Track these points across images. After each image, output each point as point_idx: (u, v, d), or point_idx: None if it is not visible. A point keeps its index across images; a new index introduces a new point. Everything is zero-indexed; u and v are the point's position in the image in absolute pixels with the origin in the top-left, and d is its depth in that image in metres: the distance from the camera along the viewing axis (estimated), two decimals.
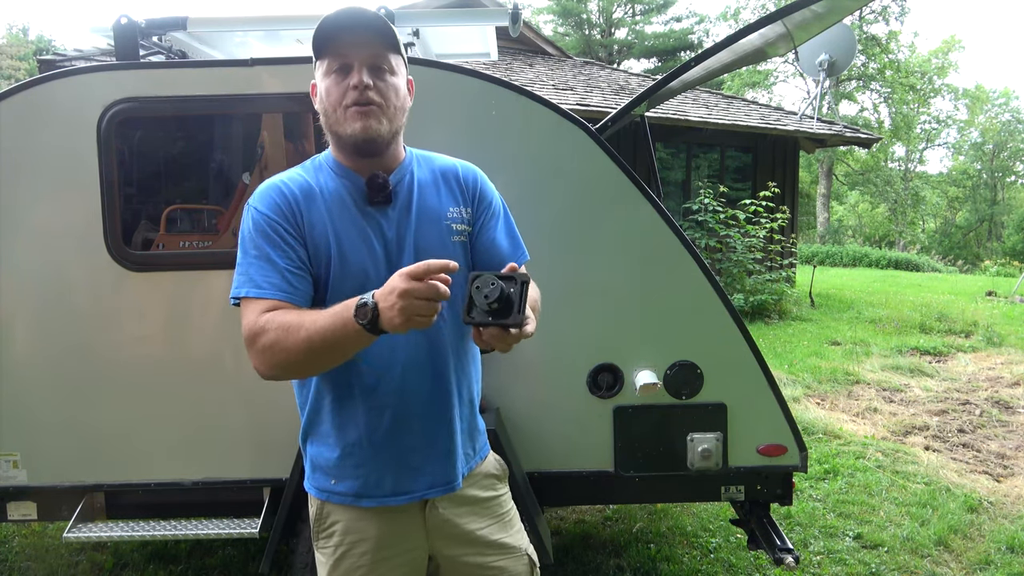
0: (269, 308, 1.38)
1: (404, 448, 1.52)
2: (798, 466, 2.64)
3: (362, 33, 1.46)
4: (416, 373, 1.51)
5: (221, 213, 2.81)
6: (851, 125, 12.95)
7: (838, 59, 11.19)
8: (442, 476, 1.56)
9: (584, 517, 3.86)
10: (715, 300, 2.56)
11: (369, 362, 1.48)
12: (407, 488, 1.54)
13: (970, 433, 5.44)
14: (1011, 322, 10.17)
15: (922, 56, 35.73)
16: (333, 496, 1.56)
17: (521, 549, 1.68)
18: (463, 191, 1.61)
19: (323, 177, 1.53)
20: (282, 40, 3.32)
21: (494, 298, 1.21)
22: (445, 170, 1.62)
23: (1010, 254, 29.90)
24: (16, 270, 2.50)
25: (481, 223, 1.61)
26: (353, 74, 1.45)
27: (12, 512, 2.59)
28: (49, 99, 2.48)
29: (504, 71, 10.88)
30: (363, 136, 1.46)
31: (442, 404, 1.55)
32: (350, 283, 1.46)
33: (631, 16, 30.72)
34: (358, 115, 1.45)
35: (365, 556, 1.56)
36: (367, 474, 1.53)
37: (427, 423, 1.54)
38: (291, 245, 1.44)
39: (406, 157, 1.59)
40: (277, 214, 1.46)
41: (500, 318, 1.23)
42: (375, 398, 1.50)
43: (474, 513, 1.63)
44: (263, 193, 1.50)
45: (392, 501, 1.54)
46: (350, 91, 1.44)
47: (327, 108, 1.49)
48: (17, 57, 28.53)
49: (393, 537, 1.57)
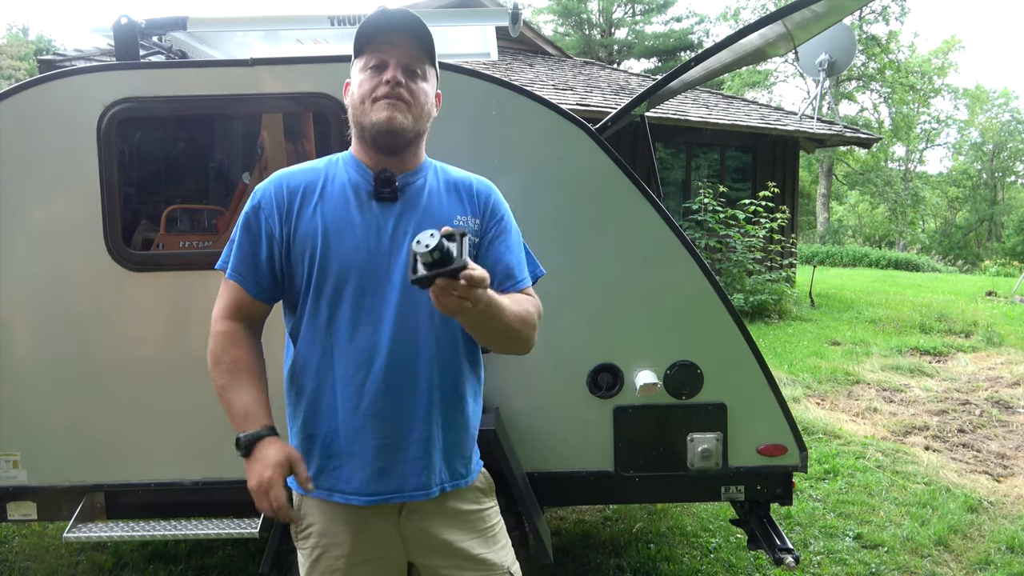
0: (234, 303, 1.56)
1: (372, 447, 1.51)
2: (798, 466, 2.64)
3: (404, 36, 1.51)
4: (396, 378, 1.50)
5: (221, 213, 2.81)
6: (851, 125, 12.95)
7: (838, 59, 11.20)
8: (411, 482, 1.53)
9: (584, 517, 3.86)
10: (715, 300, 2.56)
11: (349, 354, 1.49)
12: (373, 489, 1.52)
13: (970, 433, 5.44)
14: (1011, 322, 10.17)
15: (922, 56, 35.72)
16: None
17: (503, 567, 1.63)
18: (473, 202, 1.61)
19: (335, 170, 1.57)
20: (282, 40, 3.32)
21: (434, 245, 1.18)
22: (459, 182, 1.63)
23: (1010, 254, 29.90)
24: (16, 270, 2.50)
25: (490, 238, 1.60)
26: (388, 70, 1.49)
27: (12, 512, 2.59)
28: (49, 99, 2.48)
29: (504, 71, 10.88)
30: (387, 126, 1.48)
31: (416, 411, 1.52)
32: (333, 273, 1.50)
33: (631, 16, 30.70)
34: (386, 106, 1.48)
35: (340, 560, 1.56)
36: (339, 467, 1.53)
37: (401, 426, 1.52)
38: (270, 238, 1.53)
39: (424, 163, 1.61)
40: (267, 202, 1.54)
41: (442, 267, 1.20)
42: (349, 393, 1.50)
43: (454, 525, 1.60)
44: (267, 182, 1.58)
45: (357, 500, 1.52)
46: (382, 85, 1.49)
47: (356, 99, 1.52)
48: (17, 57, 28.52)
49: (368, 542, 1.56)
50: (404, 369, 1.50)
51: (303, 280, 1.52)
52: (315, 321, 1.51)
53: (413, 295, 1.49)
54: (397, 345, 1.49)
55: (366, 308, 1.49)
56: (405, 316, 1.50)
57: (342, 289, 1.49)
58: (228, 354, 1.53)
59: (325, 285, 1.50)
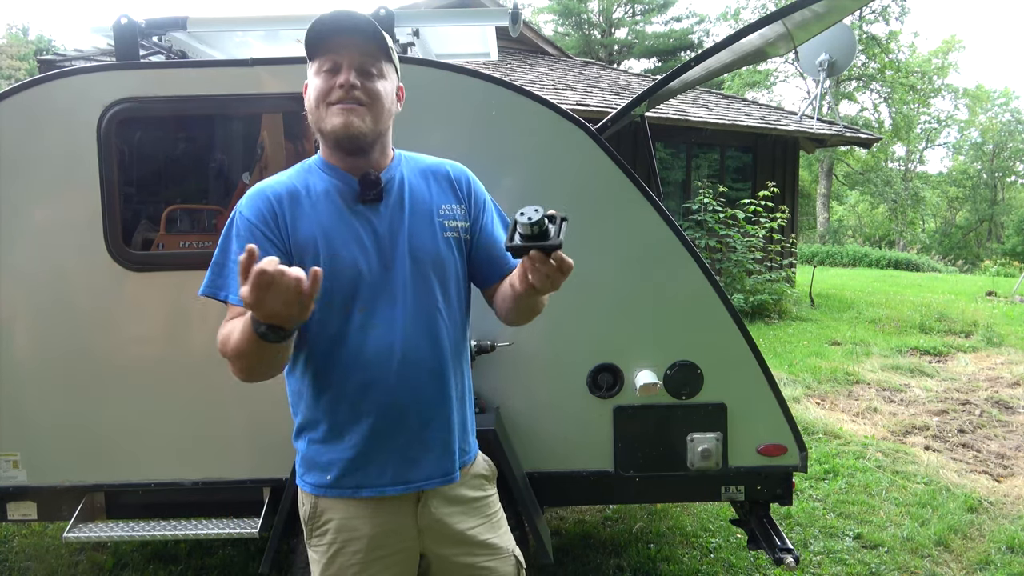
0: (235, 315, 1.41)
1: (403, 441, 1.54)
2: (798, 466, 2.64)
3: (354, 36, 1.48)
4: (414, 368, 1.52)
5: (221, 213, 2.81)
6: (851, 125, 12.95)
7: (838, 59, 11.20)
8: (439, 468, 1.58)
9: (584, 517, 3.86)
10: (715, 300, 2.56)
11: (366, 357, 1.49)
12: (406, 478, 1.55)
13: (970, 433, 5.44)
14: (1011, 322, 10.17)
15: (922, 56, 35.70)
16: (330, 491, 1.56)
17: (508, 550, 1.69)
18: (456, 190, 1.64)
19: (312, 178, 1.56)
20: (282, 40, 3.32)
21: (536, 221, 1.28)
22: (434, 169, 1.65)
23: (1010, 254, 29.88)
24: (16, 270, 2.50)
25: (480, 222, 1.65)
26: (341, 73, 1.47)
27: (12, 512, 2.59)
28: (49, 99, 2.48)
29: (504, 71, 10.88)
30: (344, 132, 1.47)
31: (440, 398, 1.57)
32: (341, 280, 1.48)
33: (631, 16, 30.69)
34: (340, 111, 1.47)
35: (358, 554, 1.56)
36: (367, 466, 1.54)
37: (425, 416, 1.55)
38: (266, 251, 1.44)
39: (395, 157, 1.62)
40: (259, 219, 1.49)
41: (539, 241, 1.30)
42: (373, 393, 1.51)
43: (464, 513, 1.64)
44: (248, 198, 1.53)
45: (391, 491, 1.55)
46: (336, 89, 1.47)
47: (312, 104, 1.51)
48: (17, 57, 28.52)
49: (386, 535, 1.58)
50: (421, 361, 1.53)
51: None
52: (324, 331, 1.50)
53: (418, 288, 1.52)
54: (411, 339, 1.51)
55: (376, 311, 1.50)
56: (414, 311, 1.52)
57: (350, 296, 1.49)
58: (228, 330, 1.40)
59: (332, 294, 1.48)
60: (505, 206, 1.72)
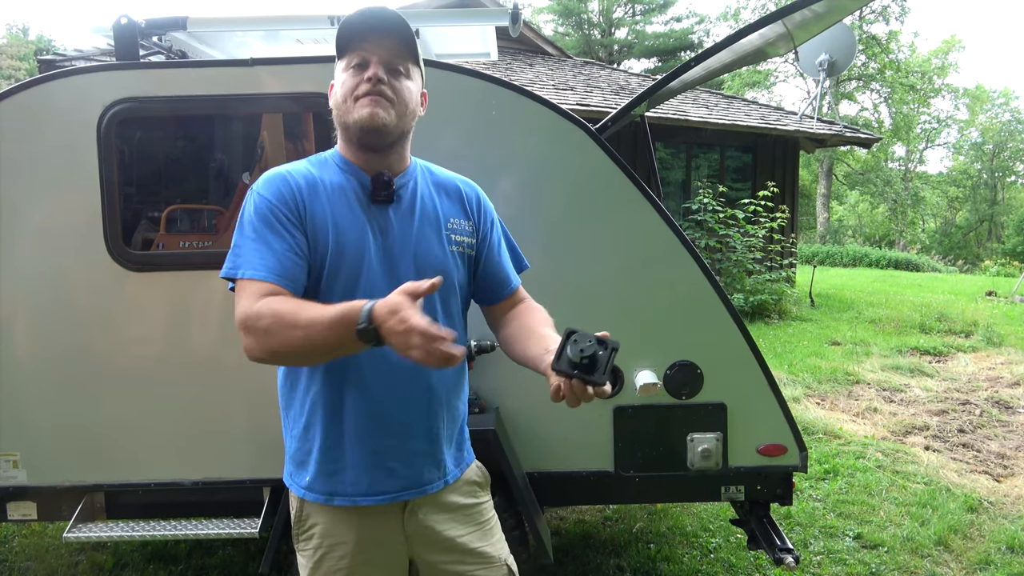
0: (265, 292, 1.37)
1: (381, 449, 1.51)
2: (798, 466, 2.64)
3: (386, 35, 1.49)
4: (402, 378, 1.50)
5: (221, 213, 2.81)
6: (851, 125, 12.94)
7: (838, 59, 11.20)
8: (417, 479, 1.55)
9: (584, 517, 3.86)
10: (715, 300, 2.56)
11: (357, 360, 1.48)
12: (382, 488, 1.53)
13: (970, 433, 5.44)
14: (1011, 322, 10.17)
15: (922, 56, 35.70)
16: (308, 494, 1.55)
17: (500, 559, 1.66)
18: (466, 206, 1.64)
19: (327, 172, 1.54)
20: (282, 40, 3.32)
21: (588, 354, 1.28)
22: (447, 183, 1.65)
23: (1010, 254, 29.87)
24: (16, 270, 2.50)
25: (488, 243, 1.64)
26: (370, 68, 1.47)
27: (12, 512, 2.59)
28: (49, 99, 2.48)
29: (504, 71, 10.88)
30: (369, 123, 1.46)
31: (424, 409, 1.54)
32: (344, 277, 1.47)
33: (631, 16, 30.70)
34: (368, 103, 1.46)
35: (343, 560, 1.55)
36: (341, 471, 1.52)
37: (409, 428, 1.53)
38: (290, 232, 1.44)
39: (411, 165, 1.61)
40: (279, 200, 1.46)
41: (585, 374, 1.29)
42: (357, 398, 1.50)
43: (454, 520, 1.62)
44: (267, 180, 1.51)
45: (364, 501, 1.52)
46: (363, 83, 1.46)
47: (339, 99, 1.50)
48: (17, 57, 28.52)
49: (371, 541, 1.56)
50: (411, 372, 1.50)
51: (313, 280, 1.48)
52: None
53: None
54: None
55: None
56: None
57: (350, 294, 1.47)
58: (274, 310, 1.34)
59: (335, 287, 1.47)
60: (505, 206, 1.72)
